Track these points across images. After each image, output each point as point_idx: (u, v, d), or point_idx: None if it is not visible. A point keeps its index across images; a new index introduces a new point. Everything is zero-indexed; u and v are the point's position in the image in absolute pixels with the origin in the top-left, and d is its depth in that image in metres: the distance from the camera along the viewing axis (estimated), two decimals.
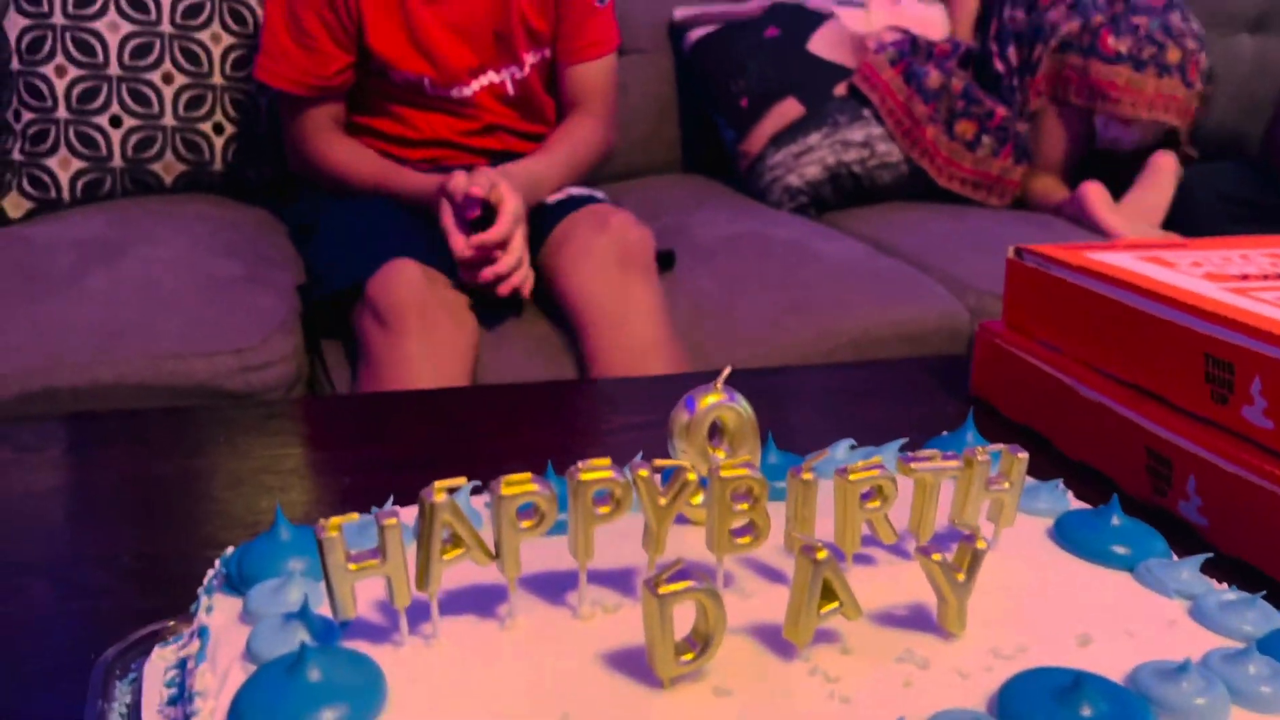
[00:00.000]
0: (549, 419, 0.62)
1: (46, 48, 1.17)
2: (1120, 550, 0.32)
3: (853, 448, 0.38)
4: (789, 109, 1.38)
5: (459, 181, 0.96)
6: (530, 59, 1.14)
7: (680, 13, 1.51)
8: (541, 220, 1.04)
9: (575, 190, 1.09)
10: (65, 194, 1.19)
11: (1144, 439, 0.54)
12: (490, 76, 1.13)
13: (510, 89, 1.14)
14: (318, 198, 1.14)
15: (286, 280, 1.05)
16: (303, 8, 1.04)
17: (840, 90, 1.38)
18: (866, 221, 1.34)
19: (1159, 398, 0.54)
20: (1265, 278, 0.59)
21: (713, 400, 0.33)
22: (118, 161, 1.21)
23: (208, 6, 1.22)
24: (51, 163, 1.18)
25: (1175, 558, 0.33)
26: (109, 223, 1.11)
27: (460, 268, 0.96)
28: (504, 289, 0.96)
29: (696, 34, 1.48)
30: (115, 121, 1.20)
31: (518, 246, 0.94)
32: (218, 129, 1.25)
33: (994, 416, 0.66)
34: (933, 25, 1.51)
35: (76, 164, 1.19)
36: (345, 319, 0.98)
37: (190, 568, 0.37)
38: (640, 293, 0.97)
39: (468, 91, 1.13)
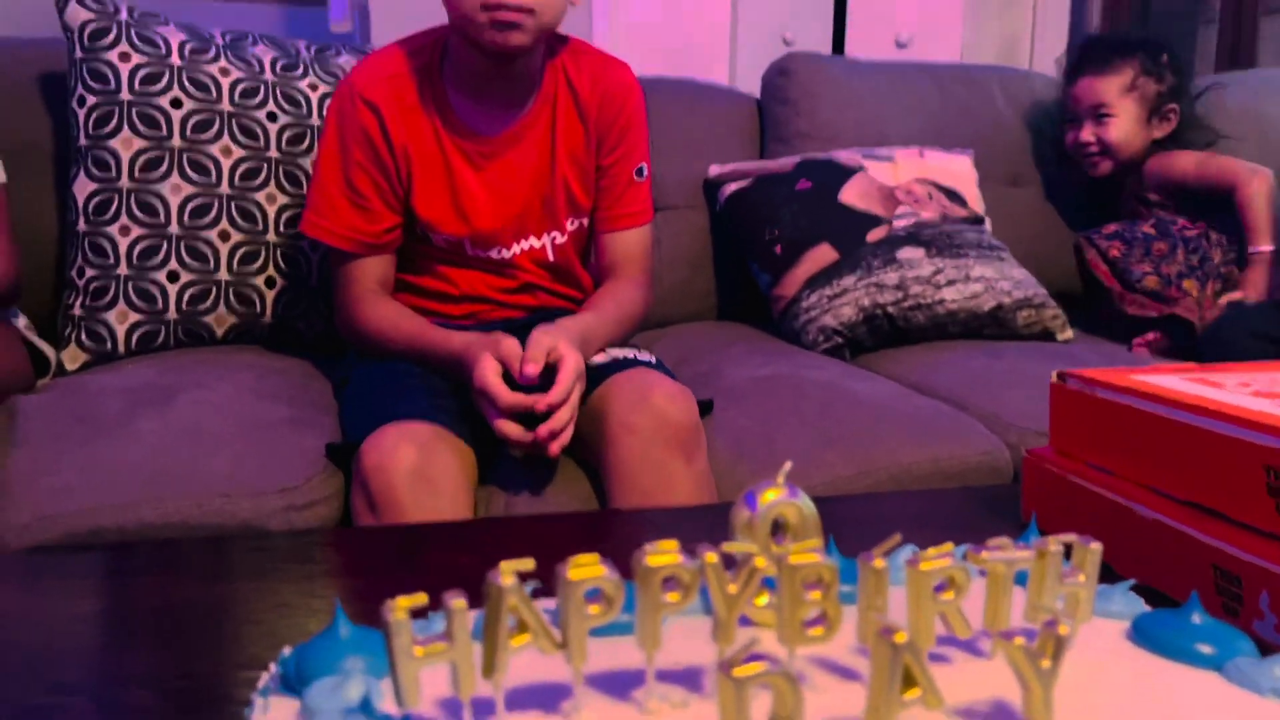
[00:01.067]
0: (590, 546, 0.61)
1: (112, 209, 1.23)
2: (1206, 649, 0.31)
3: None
4: (823, 254, 1.41)
5: (512, 349, 0.96)
6: (570, 226, 1.18)
7: (715, 170, 1.57)
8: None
9: (617, 351, 1.09)
10: (121, 346, 1.23)
11: (1210, 556, 0.52)
12: (531, 241, 1.17)
13: (550, 254, 1.18)
14: (357, 354, 1.17)
15: (330, 423, 1.07)
16: (354, 168, 1.09)
17: (873, 236, 1.41)
18: (899, 363, 1.35)
19: (1221, 514, 0.53)
20: None
21: (774, 496, 0.33)
22: (173, 314, 1.25)
23: (264, 169, 1.29)
24: (109, 316, 1.23)
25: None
26: (160, 371, 1.14)
27: (506, 439, 0.95)
28: (555, 448, 0.94)
29: (730, 188, 1.53)
30: (173, 277, 1.25)
31: (575, 403, 0.94)
32: (269, 283, 1.30)
33: None
34: (956, 175, 1.55)
35: (134, 317, 1.23)
36: None
37: (235, 685, 0.37)
38: (682, 474, 0.95)
39: (508, 254, 1.17)
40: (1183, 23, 3.02)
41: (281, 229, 1.30)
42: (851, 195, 1.46)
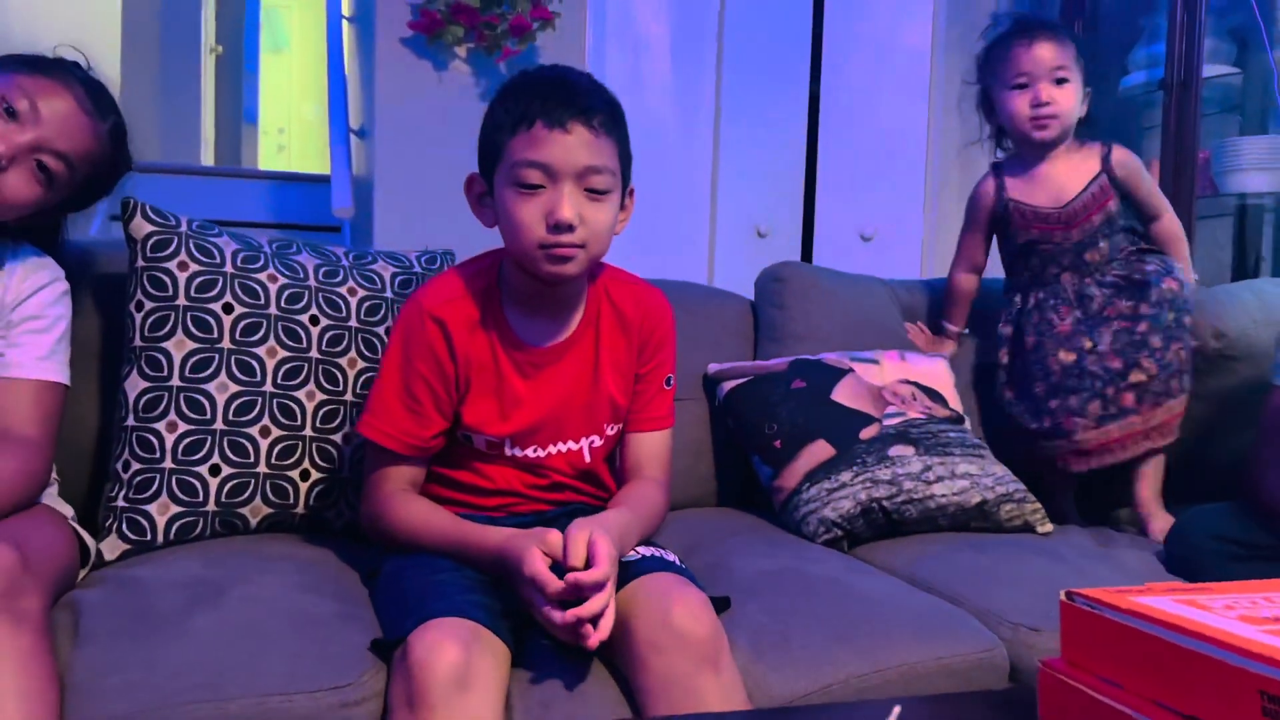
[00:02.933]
0: None
1: (161, 406, 1.31)
2: None
3: None
4: (820, 450, 1.52)
5: (557, 540, 1.03)
6: (610, 431, 1.29)
7: (714, 367, 1.69)
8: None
9: (644, 550, 1.16)
10: (160, 537, 1.29)
11: None
12: (569, 444, 1.27)
13: (586, 456, 1.28)
14: (384, 545, 1.24)
15: (369, 616, 1.12)
16: (415, 377, 1.20)
17: (866, 434, 1.53)
18: (895, 554, 1.44)
19: None
20: None
21: None
22: (212, 506, 1.32)
23: (305, 368, 1.38)
24: (151, 508, 1.29)
25: None
26: (205, 564, 1.20)
27: (551, 625, 1.01)
28: (594, 642, 1.00)
29: (729, 385, 1.65)
30: (215, 470, 1.32)
31: (611, 591, 1.01)
32: (304, 475, 1.37)
33: None
34: (935, 377, 1.69)
35: (174, 509, 1.30)
36: None
37: None
38: (712, 687, 1.01)
39: (543, 454, 1.26)
40: None
41: (318, 424, 1.38)
42: (843, 395, 1.59)
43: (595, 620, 1.00)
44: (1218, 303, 1.80)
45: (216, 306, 1.35)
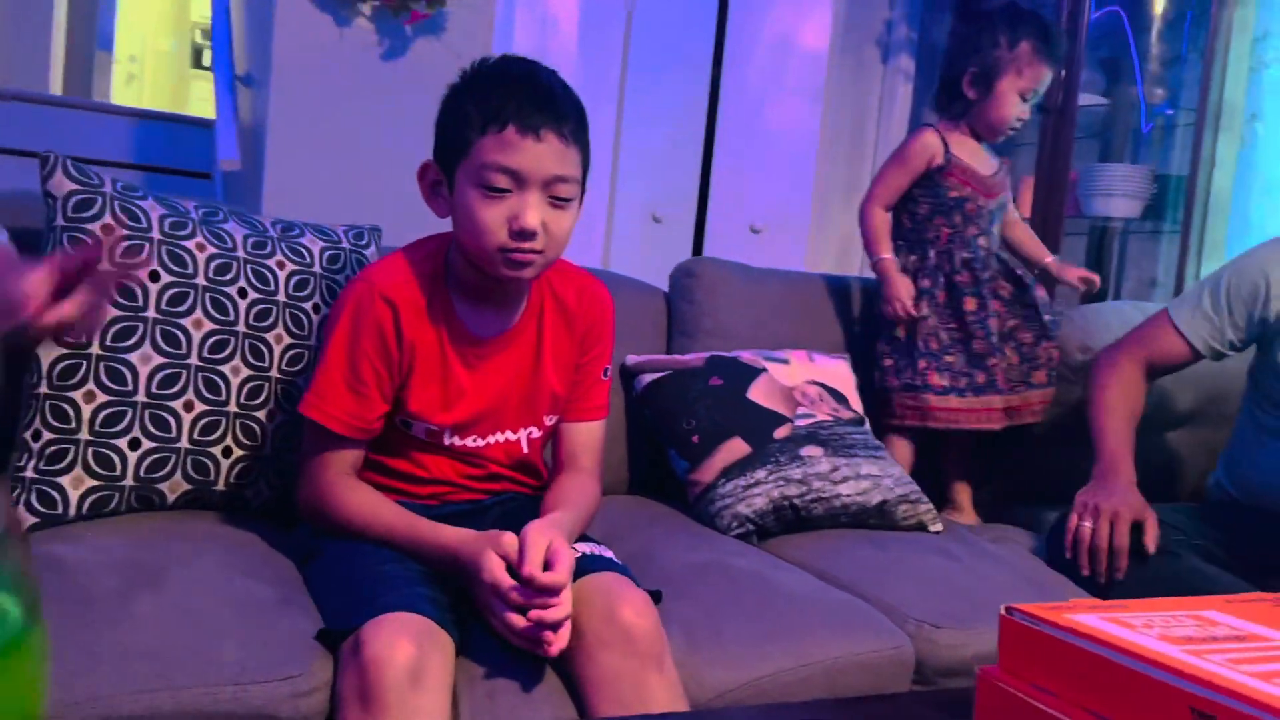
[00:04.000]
0: None
1: (79, 375, 1.25)
2: None
3: None
4: (736, 447, 1.58)
5: (512, 543, 1.05)
6: (548, 422, 1.31)
7: (632, 359, 1.73)
8: None
9: (585, 547, 1.19)
10: (72, 510, 1.24)
11: None
12: (507, 434, 1.29)
13: (524, 447, 1.30)
14: (313, 531, 1.23)
15: (309, 603, 1.12)
16: (361, 357, 1.18)
17: (780, 433, 1.60)
18: (801, 550, 1.52)
19: None
20: (1206, 640, 0.77)
21: None
22: (129, 481, 1.27)
23: (231, 342, 1.34)
24: (64, 480, 1.23)
25: None
26: (129, 544, 1.16)
27: (510, 630, 1.03)
28: (555, 649, 1.02)
29: (648, 378, 1.70)
30: (134, 444, 1.27)
31: (570, 597, 1.04)
32: (226, 452, 1.34)
33: None
34: (839, 378, 1.78)
35: (89, 482, 1.25)
36: None
37: None
38: (656, 683, 1.05)
39: (482, 443, 1.27)
40: None
41: (243, 400, 1.35)
42: (758, 394, 1.66)
43: (555, 627, 1.03)
44: (1085, 320, 1.98)
45: (142, 274, 1.29)
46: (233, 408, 1.35)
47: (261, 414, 1.37)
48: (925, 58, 3.35)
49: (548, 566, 1.03)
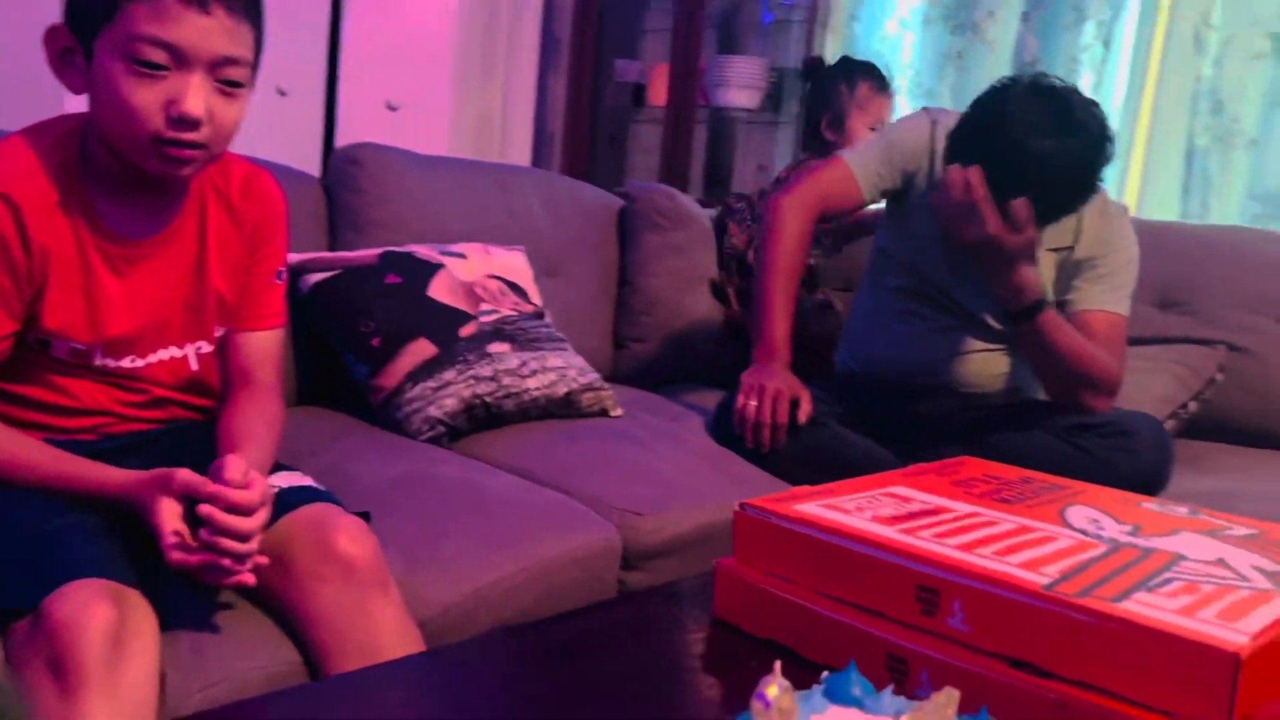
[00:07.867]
0: None
1: None
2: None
3: None
4: (422, 348, 1.51)
5: (189, 480, 0.92)
6: (219, 334, 1.15)
7: (294, 258, 1.57)
8: None
9: (283, 478, 1.08)
10: None
11: (883, 646, 0.78)
12: (172, 351, 1.11)
13: (193, 363, 1.14)
14: None
15: None
16: None
17: (465, 331, 1.56)
18: (493, 447, 1.50)
19: (883, 615, 0.78)
20: (908, 518, 0.87)
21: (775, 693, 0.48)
22: None
23: None
24: None
25: None
26: None
27: (197, 570, 0.92)
28: (251, 577, 0.92)
29: (315, 278, 1.56)
30: None
31: (264, 522, 0.94)
32: None
33: (738, 634, 0.85)
34: (517, 271, 1.76)
35: None
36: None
37: None
38: (382, 609, 0.99)
39: (141, 363, 1.10)
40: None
41: None
42: (440, 291, 1.59)
43: (244, 551, 0.92)
44: None
45: None
46: None
47: None
48: None
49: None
